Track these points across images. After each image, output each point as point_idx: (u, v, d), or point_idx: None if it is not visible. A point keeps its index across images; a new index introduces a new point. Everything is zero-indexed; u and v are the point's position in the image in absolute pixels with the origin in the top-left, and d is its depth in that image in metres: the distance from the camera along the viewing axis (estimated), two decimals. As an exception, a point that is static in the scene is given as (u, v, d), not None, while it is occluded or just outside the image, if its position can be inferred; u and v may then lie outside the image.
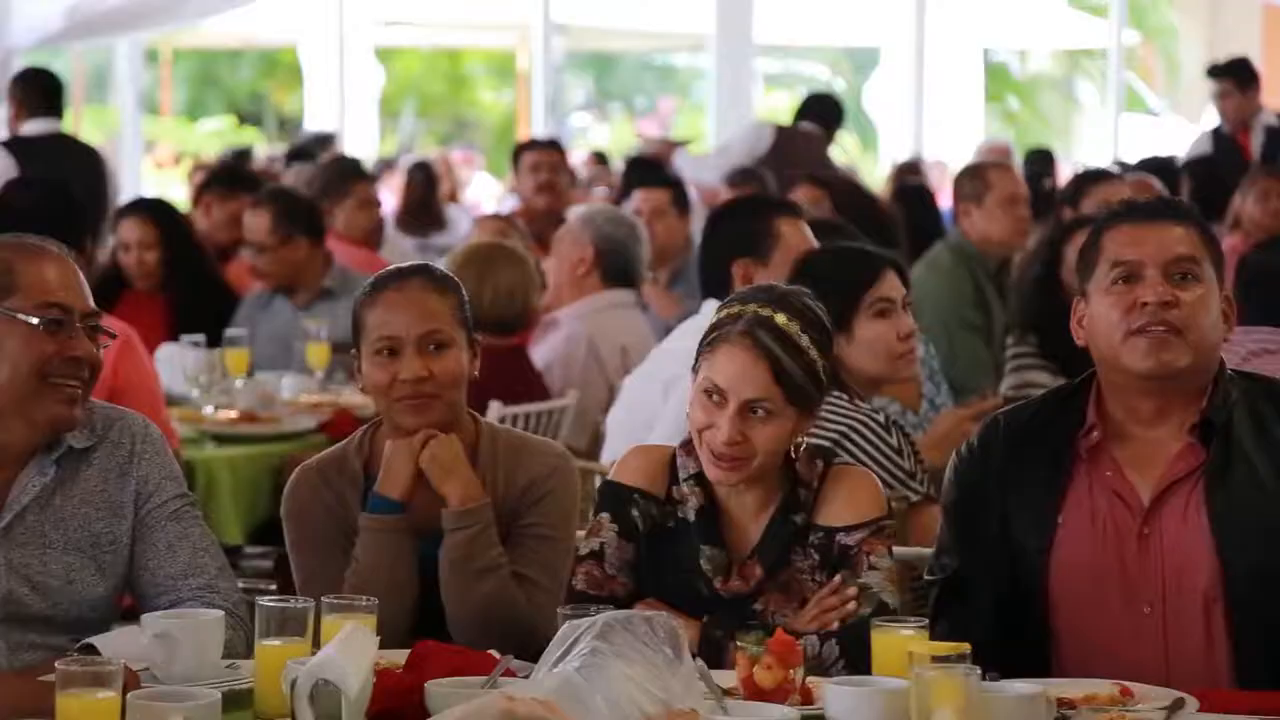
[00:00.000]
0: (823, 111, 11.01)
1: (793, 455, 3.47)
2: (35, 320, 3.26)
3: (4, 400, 3.28)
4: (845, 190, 8.45)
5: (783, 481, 3.47)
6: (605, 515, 3.50)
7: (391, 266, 3.75)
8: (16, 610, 3.28)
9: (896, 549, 4.08)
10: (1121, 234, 3.36)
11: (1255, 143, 10.68)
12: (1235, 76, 10.99)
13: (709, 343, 3.43)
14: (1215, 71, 11.15)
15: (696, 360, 3.45)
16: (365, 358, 3.64)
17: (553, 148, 9.68)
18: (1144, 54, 22.38)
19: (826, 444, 4.02)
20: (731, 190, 8.89)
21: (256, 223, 7.13)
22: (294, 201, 7.40)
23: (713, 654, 3.30)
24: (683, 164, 10.96)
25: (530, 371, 6.11)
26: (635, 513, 3.49)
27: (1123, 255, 3.33)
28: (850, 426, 4.30)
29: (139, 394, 5.49)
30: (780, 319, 3.40)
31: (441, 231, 11.11)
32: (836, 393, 4.34)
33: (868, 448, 4.29)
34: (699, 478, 3.46)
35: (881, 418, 4.36)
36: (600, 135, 23.07)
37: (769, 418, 3.38)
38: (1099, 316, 3.34)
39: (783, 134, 10.67)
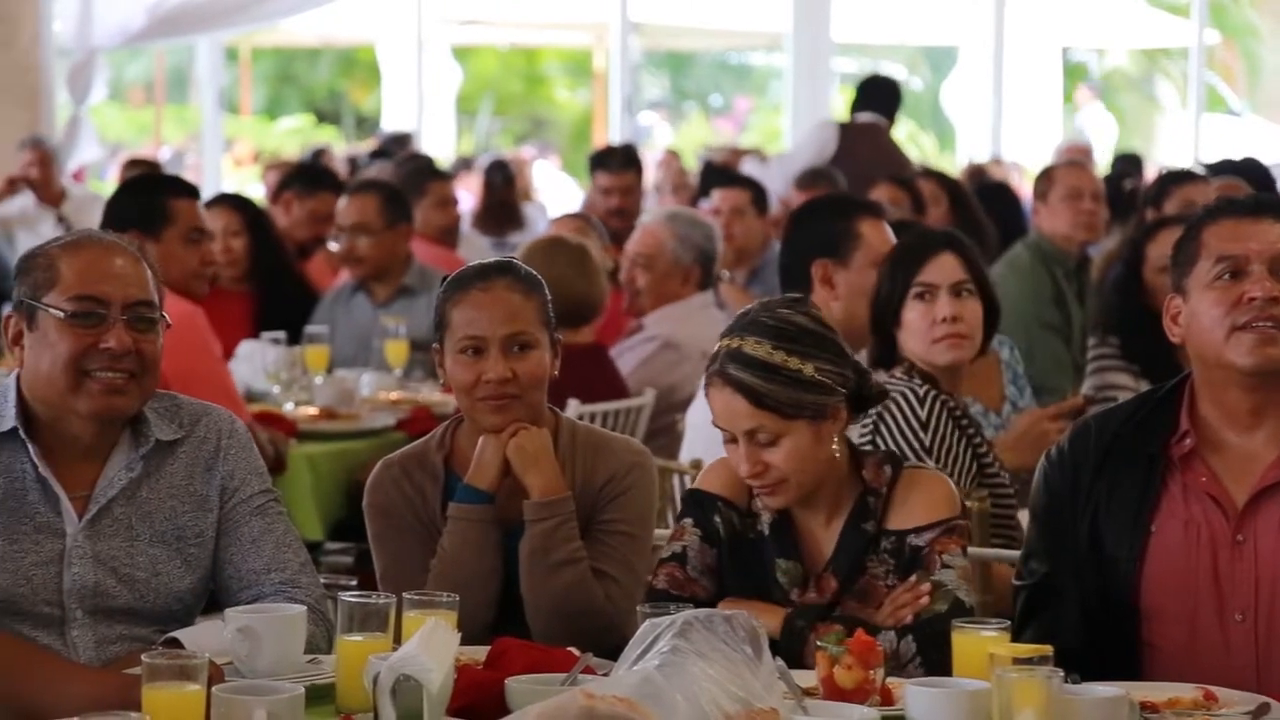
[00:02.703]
0: (880, 98, 10.59)
1: (852, 460, 3.47)
2: (62, 313, 3.30)
3: (51, 393, 3.32)
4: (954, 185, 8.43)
5: (852, 490, 3.47)
6: (688, 520, 3.53)
7: (476, 263, 3.76)
8: (104, 602, 3.31)
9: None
10: (1224, 229, 3.31)
11: None
12: None
13: (704, 389, 3.47)
14: None
15: None
16: (449, 355, 3.65)
17: (627, 167, 9.52)
18: (1225, 54, 22.19)
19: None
20: (802, 193, 8.84)
21: (364, 205, 7.17)
22: (397, 192, 7.48)
23: (795, 644, 3.31)
24: (751, 172, 10.88)
25: (609, 371, 6.13)
26: (718, 519, 3.51)
27: (1227, 250, 3.29)
28: (890, 396, 4.32)
29: (195, 375, 5.48)
30: (748, 345, 3.40)
31: (519, 231, 11.12)
32: (898, 371, 4.42)
33: (895, 412, 4.32)
34: None
35: (923, 392, 4.37)
36: (667, 135, 23.06)
37: (777, 440, 3.40)
38: (1201, 313, 3.30)
39: (846, 131, 10.39)
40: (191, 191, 5.70)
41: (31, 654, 3.17)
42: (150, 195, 5.61)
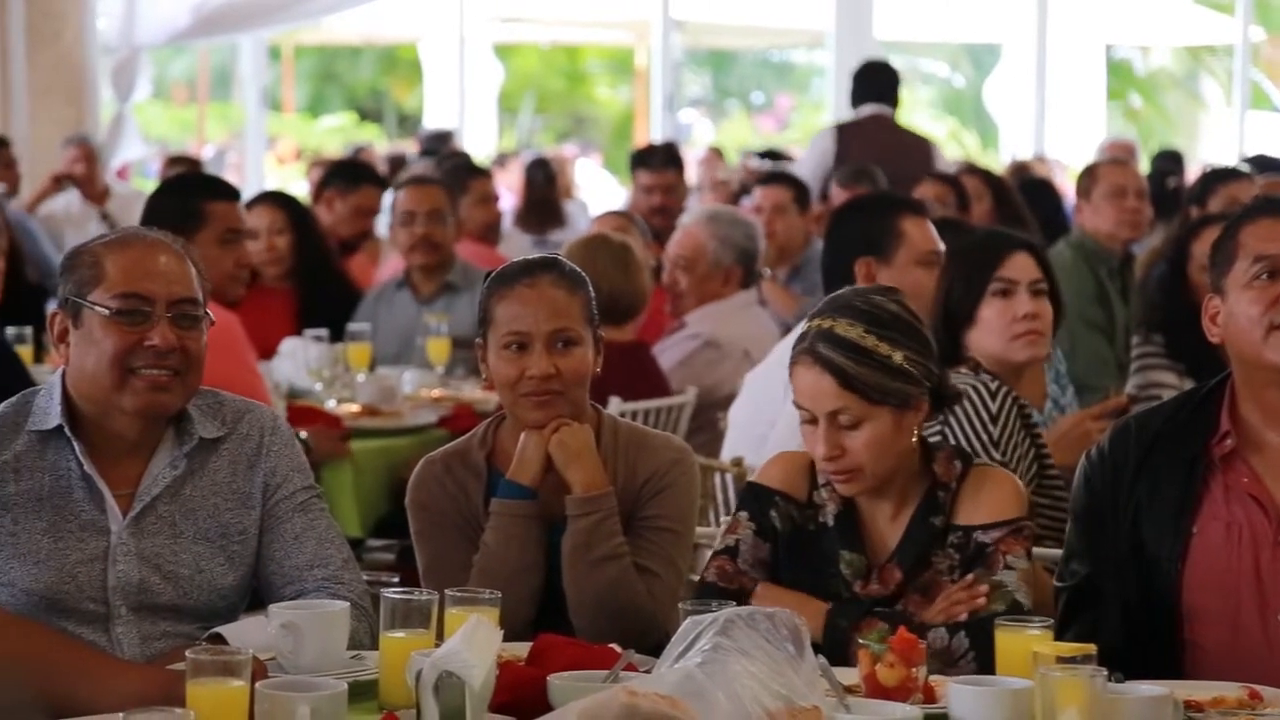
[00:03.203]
0: (879, 86, 10.20)
1: (923, 454, 3.46)
2: (107, 310, 3.31)
3: (96, 390, 3.33)
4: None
5: (921, 484, 3.47)
6: (744, 514, 3.55)
7: (521, 259, 3.77)
8: (148, 599, 3.33)
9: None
10: (1261, 229, 3.32)
11: None
12: None
13: (789, 367, 3.46)
14: None
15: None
16: (493, 350, 3.66)
17: (668, 166, 9.49)
18: (1270, 51, 22.06)
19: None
20: (844, 191, 8.81)
21: (437, 194, 7.21)
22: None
23: (837, 643, 3.31)
24: None
25: (651, 368, 6.12)
26: (774, 514, 3.52)
27: (1265, 250, 3.29)
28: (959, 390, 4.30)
29: (231, 383, 5.45)
30: (840, 326, 3.41)
31: (560, 229, 11.14)
32: (963, 369, 4.41)
33: (965, 405, 4.30)
34: None
35: (994, 387, 4.36)
36: (709, 132, 23.04)
37: (859, 424, 3.40)
38: (1238, 313, 3.30)
39: (845, 131, 10.06)
40: (228, 193, 5.58)
41: (77, 650, 3.18)
42: (185, 196, 5.51)
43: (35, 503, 3.32)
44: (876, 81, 10.17)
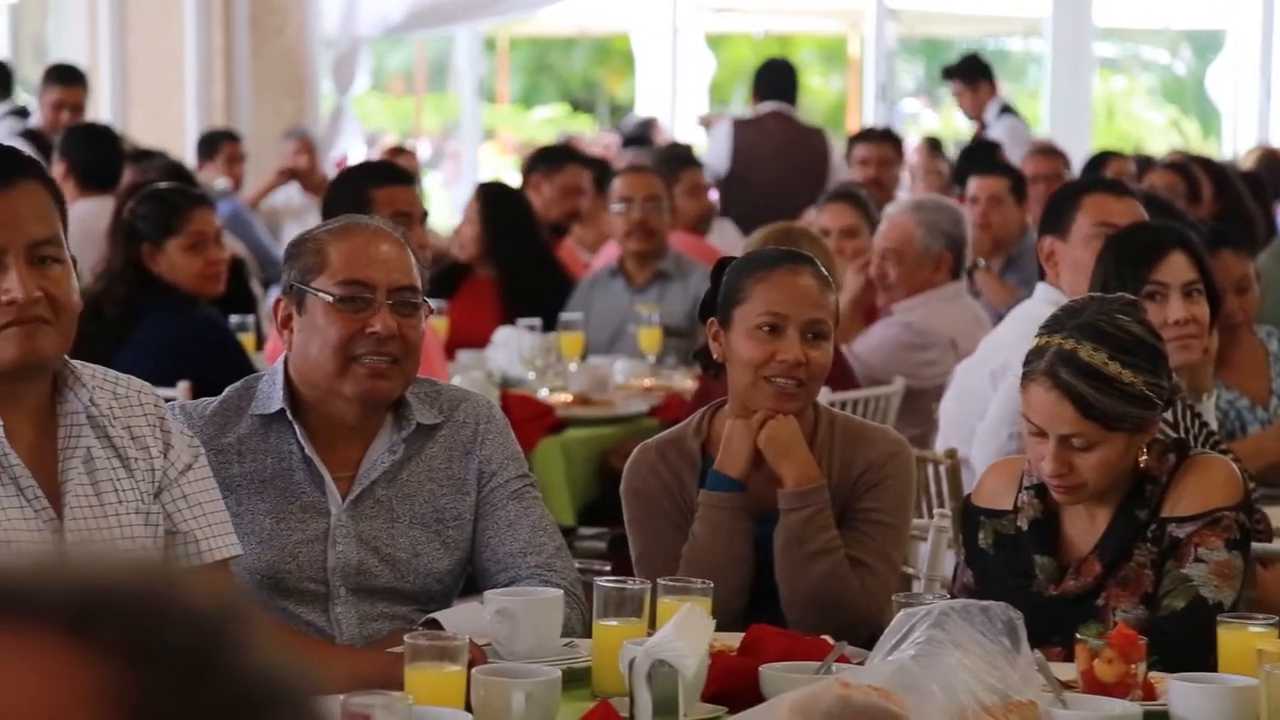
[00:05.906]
0: (778, 84, 10.23)
1: (1142, 453, 3.40)
2: (330, 297, 3.36)
3: (319, 376, 3.38)
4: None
5: (1129, 478, 3.41)
6: (960, 536, 3.55)
7: (773, 248, 3.78)
8: (366, 581, 3.38)
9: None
10: None
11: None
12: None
13: (1022, 378, 3.40)
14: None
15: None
16: (740, 330, 3.63)
17: (885, 140, 9.52)
18: None
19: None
20: (1036, 164, 8.77)
21: (655, 181, 7.27)
22: None
23: None
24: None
25: (838, 360, 6.09)
26: (980, 534, 3.50)
27: None
28: None
29: None
30: (1084, 351, 3.32)
31: (771, 218, 11.10)
32: None
33: None
34: (1039, 488, 3.44)
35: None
36: (931, 122, 22.82)
37: (1091, 447, 3.33)
38: None
39: (740, 126, 10.09)
40: (395, 177, 5.37)
41: (294, 635, 3.24)
42: (353, 185, 5.41)
43: (258, 484, 3.39)
44: (778, 80, 10.33)
